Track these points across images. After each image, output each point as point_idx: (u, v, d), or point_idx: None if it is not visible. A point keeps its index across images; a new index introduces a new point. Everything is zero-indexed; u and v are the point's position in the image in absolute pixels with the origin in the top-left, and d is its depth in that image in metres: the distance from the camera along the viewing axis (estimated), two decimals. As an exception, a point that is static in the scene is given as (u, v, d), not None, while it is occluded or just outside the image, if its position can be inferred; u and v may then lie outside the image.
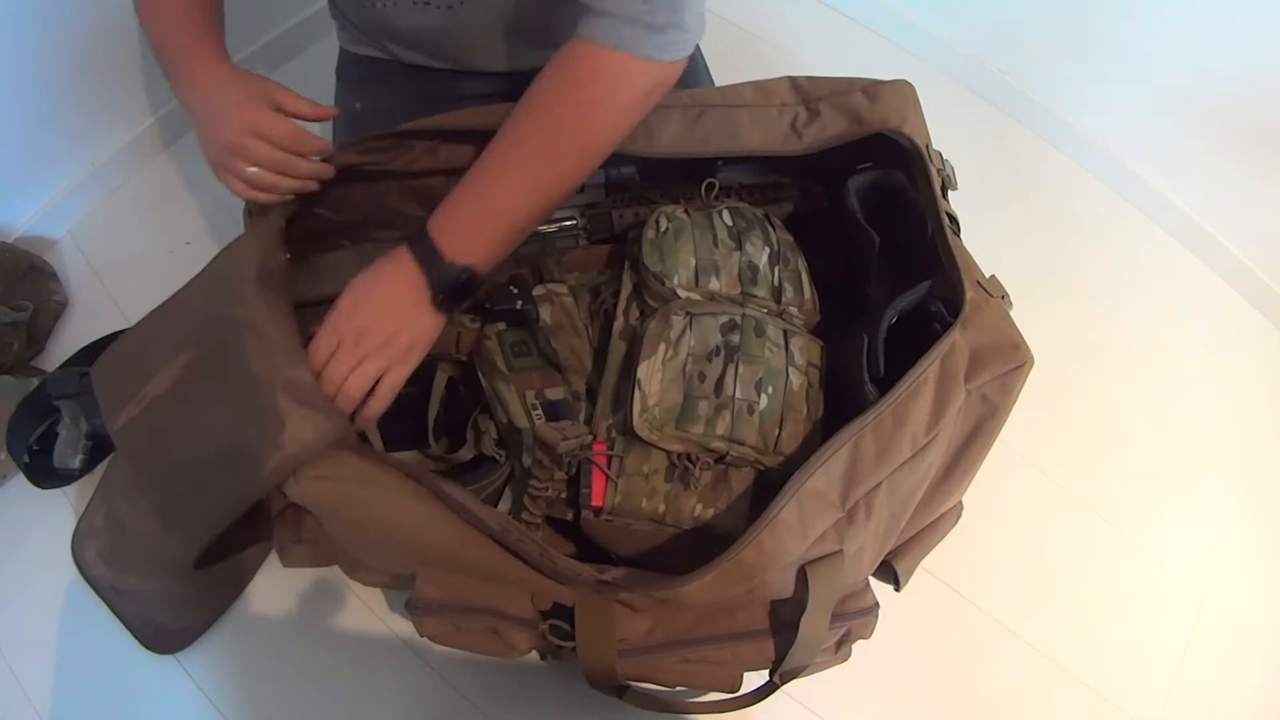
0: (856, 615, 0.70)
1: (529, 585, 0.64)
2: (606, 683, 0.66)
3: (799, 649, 0.64)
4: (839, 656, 0.75)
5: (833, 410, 0.73)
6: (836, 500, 0.62)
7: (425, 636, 0.66)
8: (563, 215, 0.87)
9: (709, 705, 0.70)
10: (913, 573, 0.80)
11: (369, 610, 0.94)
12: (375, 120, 0.97)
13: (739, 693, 0.69)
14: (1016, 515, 1.09)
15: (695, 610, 0.66)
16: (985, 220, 0.96)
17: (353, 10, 0.87)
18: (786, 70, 0.82)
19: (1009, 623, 1.02)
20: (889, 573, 0.79)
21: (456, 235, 0.66)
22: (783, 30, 1.50)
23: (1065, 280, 1.30)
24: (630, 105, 0.66)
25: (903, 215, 0.76)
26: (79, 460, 0.92)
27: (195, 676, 0.90)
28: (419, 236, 0.67)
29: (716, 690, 0.68)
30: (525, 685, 0.91)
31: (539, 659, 0.73)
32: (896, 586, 0.80)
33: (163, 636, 0.90)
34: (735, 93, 0.79)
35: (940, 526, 0.80)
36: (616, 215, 0.88)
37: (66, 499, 0.97)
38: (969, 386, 0.68)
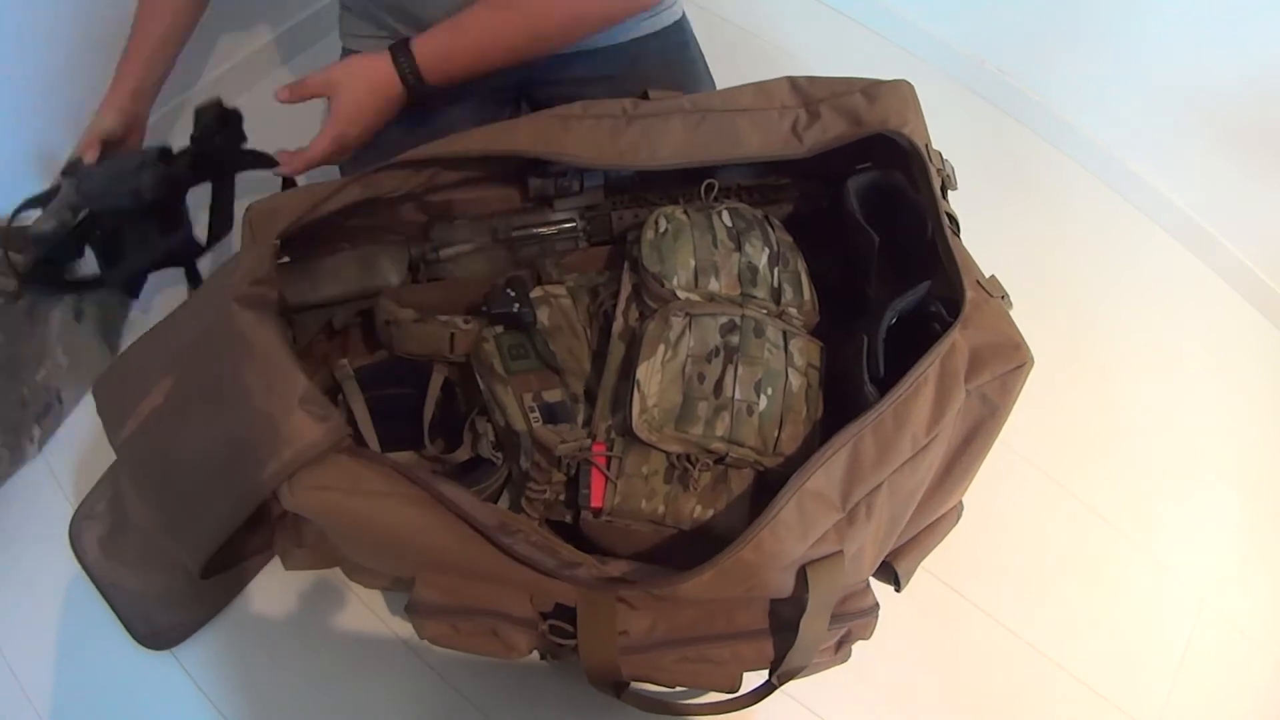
0: (856, 616, 0.70)
1: (528, 586, 0.64)
2: (607, 679, 0.66)
3: (798, 649, 0.64)
4: (839, 657, 0.75)
5: (833, 411, 0.73)
6: (837, 501, 0.62)
7: (425, 639, 0.66)
8: (562, 218, 0.86)
9: (708, 706, 0.70)
10: (913, 573, 0.80)
11: (369, 611, 0.94)
12: None
13: (738, 693, 0.69)
14: (1016, 515, 1.09)
15: (695, 609, 0.66)
16: (985, 220, 0.96)
17: None
18: (786, 70, 0.82)
19: (1009, 623, 1.02)
20: (889, 573, 0.79)
21: (431, 49, 0.79)
22: (783, 30, 1.50)
23: (1065, 280, 1.30)
24: (610, 11, 0.83)
25: (902, 215, 0.76)
26: (52, 226, 0.84)
27: (195, 677, 0.90)
28: (398, 47, 0.80)
29: (716, 690, 0.68)
30: (525, 685, 0.91)
31: (539, 659, 0.73)
32: (897, 587, 0.80)
33: (156, 632, 0.89)
34: (735, 96, 0.79)
35: (940, 527, 0.79)
36: (616, 217, 0.87)
37: (66, 499, 0.97)
38: (969, 386, 0.68)
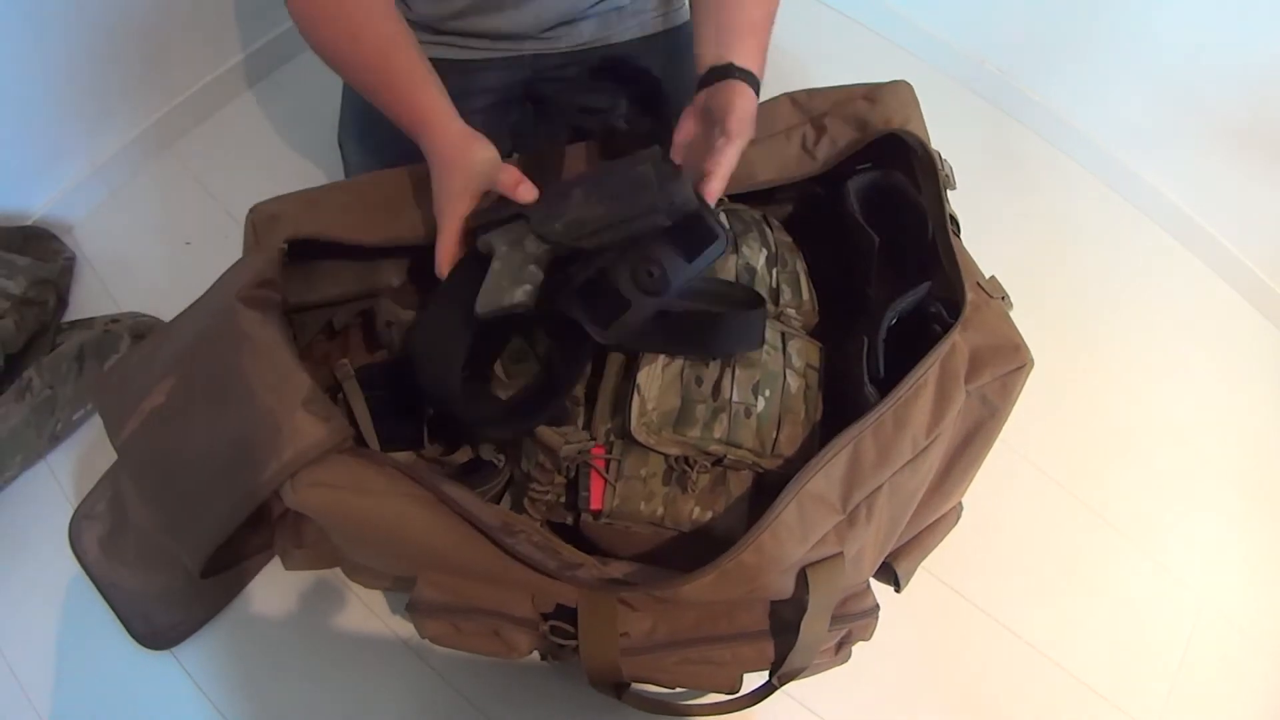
0: (857, 617, 0.70)
1: (530, 587, 0.64)
2: (608, 680, 0.66)
3: (799, 651, 0.64)
4: (839, 658, 0.75)
5: (832, 411, 0.73)
6: (837, 503, 0.62)
7: (426, 638, 0.66)
8: None
9: (708, 707, 0.70)
10: (913, 574, 0.80)
11: (369, 611, 0.94)
12: (381, 116, 0.97)
13: (738, 694, 0.69)
14: (1017, 515, 1.09)
15: (696, 610, 0.66)
16: (985, 220, 0.96)
17: None
18: (786, 71, 0.82)
19: (1009, 623, 1.03)
20: (889, 574, 0.79)
21: (752, 57, 0.74)
22: (783, 30, 1.48)
23: (1065, 280, 1.30)
24: None
25: (902, 216, 0.76)
26: (523, 291, 0.65)
27: (196, 677, 0.90)
28: (735, 71, 0.71)
29: (716, 691, 0.68)
30: (525, 686, 0.91)
31: (539, 660, 0.73)
32: (897, 588, 0.80)
33: (155, 631, 0.90)
34: None
35: (940, 527, 0.80)
36: None
37: (66, 500, 0.97)
38: (969, 387, 0.68)
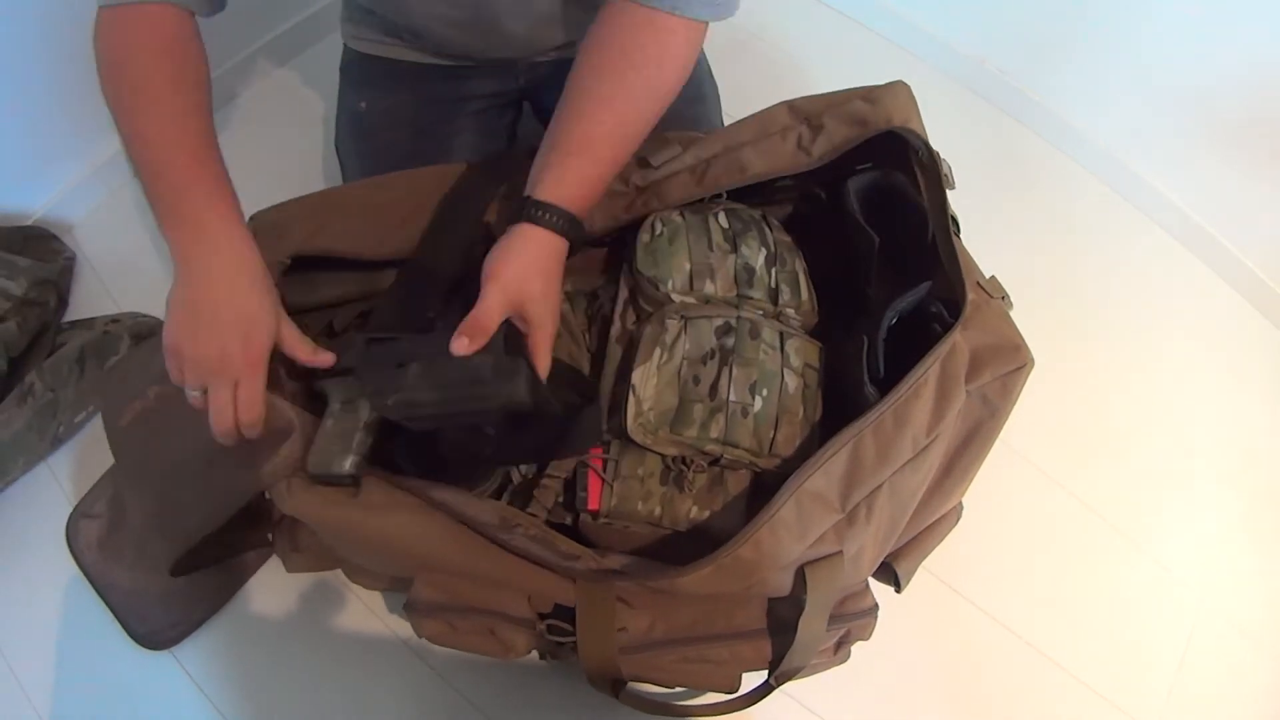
0: (856, 617, 0.70)
1: (527, 587, 0.64)
2: (606, 678, 0.66)
3: (797, 650, 0.64)
4: (838, 658, 0.75)
5: (832, 411, 0.72)
6: (836, 502, 0.62)
7: (423, 637, 0.66)
8: None
9: (706, 707, 0.70)
10: (913, 574, 0.80)
11: (369, 610, 0.94)
12: (379, 120, 0.98)
13: (736, 693, 0.69)
14: (1016, 515, 1.09)
15: (694, 608, 0.66)
16: (985, 220, 0.96)
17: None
18: (786, 71, 0.82)
19: (1009, 623, 1.03)
20: (889, 574, 0.78)
21: (565, 193, 0.68)
22: (783, 30, 1.50)
23: (1065, 280, 1.30)
24: (688, 62, 0.72)
25: (903, 216, 0.76)
26: (351, 462, 0.62)
27: (195, 677, 0.90)
28: (529, 207, 0.67)
29: (715, 690, 0.68)
30: (525, 685, 0.91)
31: (538, 659, 0.73)
32: (897, 588, 0.80)
33: (153, 631, 0.90)
34: (736, 133, 0.79)
35: (941, 527, 0.79)
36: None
37: (66, 500, 0.97)
38: (969, 387, 0.68)
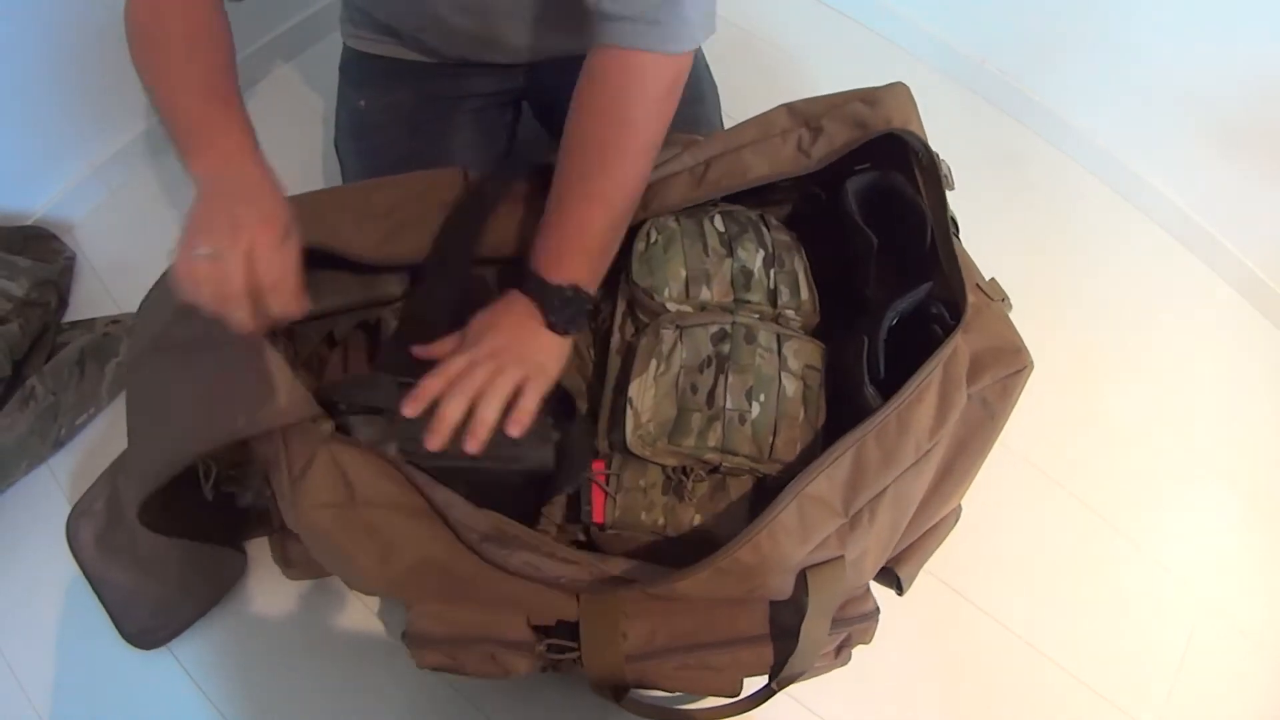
0: (857, 620, 0.70)
1: (524, 604, 0.64)
2: (612, 683, 0.66)
3: (799, 655, 0.64)
4: (839, 661, 0.75)
5: (833, 412, 0.72)
6: (839, 506, 0.62)
7: (423, 667, 0.66)
8: None
9: (708, 711, 0.70)
10: (915, 577, 0.80)
11: (369, 610, 0.94)
12: (379, 118, 0.98)
13: (738, 697, 0.69)
14: (1017, 515, 1.09)
15: (696, 615, 0.66)
16: (985, 220, 0.96)
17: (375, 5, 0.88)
18: (786, 70, 0.82)
19: (1009, 623, 1.03)
20: (891, 578, 0.78)
21: (550, 260, 0.70)
22: (783, 30, 1.50)
23: (1065, 280, 1.30)
24: (660, 100, 0.70)
25: (902, 216, 0.76)
26: None
27: (195, 676, 0.90)
28: (525, 277, 0.70)
29: (717, 695, 0.68)
30: (526, 686, 0.91)
31: (540, 671, 0.73)
32: (899, 591, 0.80)
33: (144, 630, 0.90)
34: (736, 135, 0.79)
35: (940, 530, 0.79)
36: None
37: (66, 501, 0.97)
38: (969, 391, 0.68)
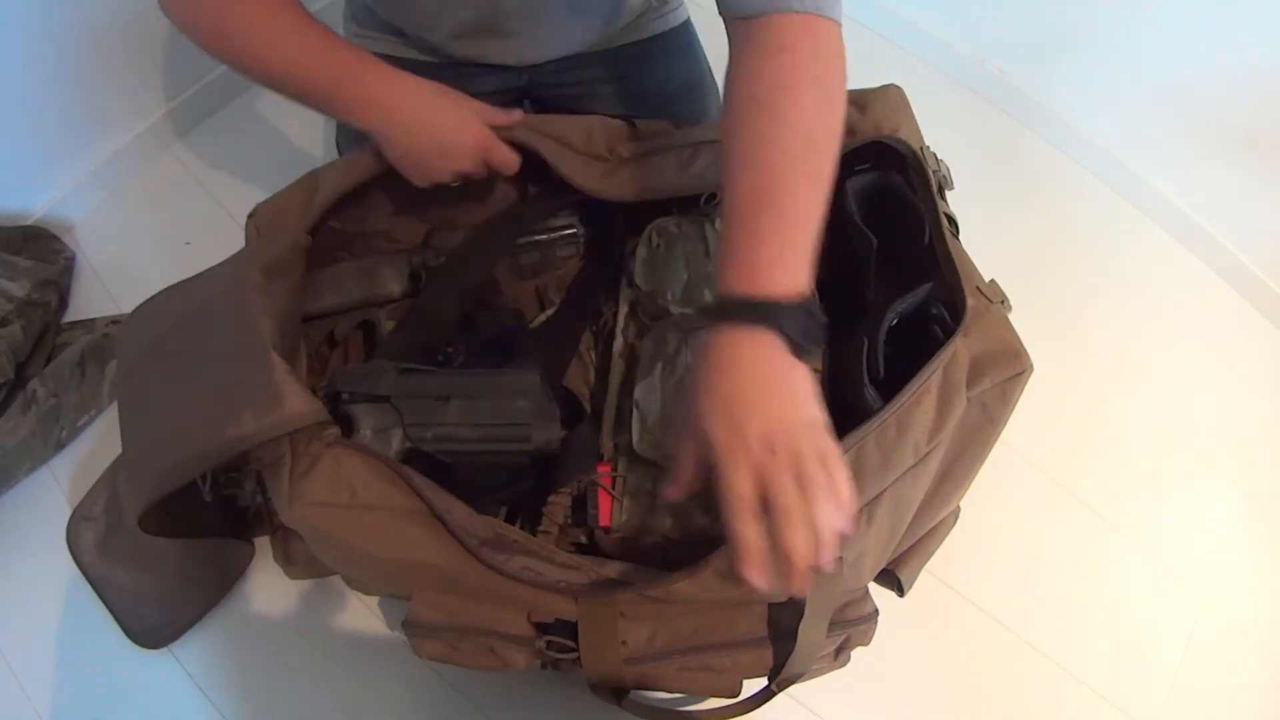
0: (855, 623, 0.70)
1: (525, 602, 0.64)
2: (611, 686, 0.66)
3: (797, 656, 0.64)
4: (838, 663, 0.75)
5: (833, 412, 0.72)
6: (837, 508, 0.62)
7: (422, 656, 0.66)
8: (561, 223, 0.86)
9: (708, 713, 0.70)
10: (915, 579, 0.80)
11: (369, 610, 0.95)
12: None
13: (737, 699, 0.69)
14: (1016, 515, 1.09)
15: (695, 617, 0.66)
16: (985, 221, 0.96)
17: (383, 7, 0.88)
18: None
19: (1010, 623, 1.03)
20: (892, 580, 0.78)
21: (772, 270, 0.53)
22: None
23: (1065, 280, 1.30)
24: (843, 64, 0.61)
25: (901, 217, 0.76)
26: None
27: (195, 676, 0.90)
28: (730, 305, 0.53)
29: (716, 697, 0.68)
30: (526, 686, 0.91)
31: (539, 667, 0.73)
32: (900, 593, 0.80)
33: (148, 629, 0.90)
34: None
35: (939, 532, 0.79)
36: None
37: (67, 502, 0.97)
38: (968, 394, 0.68)
